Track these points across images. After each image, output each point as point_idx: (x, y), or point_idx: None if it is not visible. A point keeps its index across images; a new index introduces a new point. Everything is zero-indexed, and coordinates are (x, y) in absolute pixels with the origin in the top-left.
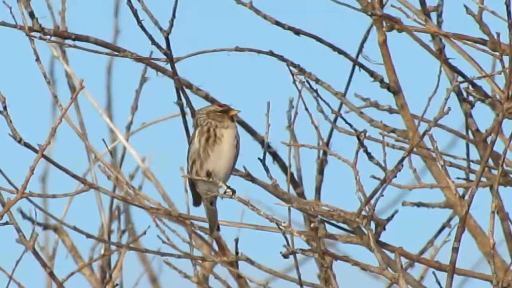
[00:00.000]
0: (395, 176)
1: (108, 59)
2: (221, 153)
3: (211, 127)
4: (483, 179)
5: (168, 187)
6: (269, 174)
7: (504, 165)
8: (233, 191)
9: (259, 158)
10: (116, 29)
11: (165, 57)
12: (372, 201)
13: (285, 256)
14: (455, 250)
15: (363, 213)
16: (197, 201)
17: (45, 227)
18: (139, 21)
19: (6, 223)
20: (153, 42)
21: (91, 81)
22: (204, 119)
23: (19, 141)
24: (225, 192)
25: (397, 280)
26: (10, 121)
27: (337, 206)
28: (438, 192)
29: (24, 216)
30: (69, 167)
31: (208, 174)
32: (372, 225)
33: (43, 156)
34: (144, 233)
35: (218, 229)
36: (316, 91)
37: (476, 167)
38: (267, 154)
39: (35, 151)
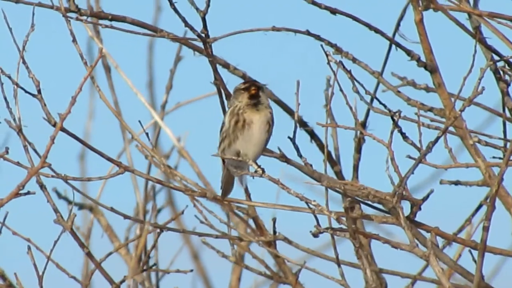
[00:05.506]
0: (427, 153)
1: (149, 37)
2: (250, 138)
3: (239, 110)
4: None
5: (204, 166)
6: (300, 153)
7: None
8: (263, 170)
9: (289, 137)
10: (158, 6)
11: (200, 38)
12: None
13: (315, 235)
14: (486, 229)
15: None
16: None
17: (81, 206)
18: (171, 3)
19: (28, 192)
20: (186, 24)
21: (132, 59)
22: (231, 97)
23: (54, 125)
24: (255, 171)
25: (428, 257)
26: (45, 105)
27: (375, 185)
28: (476, 171)
29: (59, 196)
30: (107, 147)
31: (237, 153)
32: (408, 205)
33: (78, 139)
34: (182, 213)
35: (227, 195)
36: (350, 72)
37: None
38: (305, 133)
39: (70, 134)
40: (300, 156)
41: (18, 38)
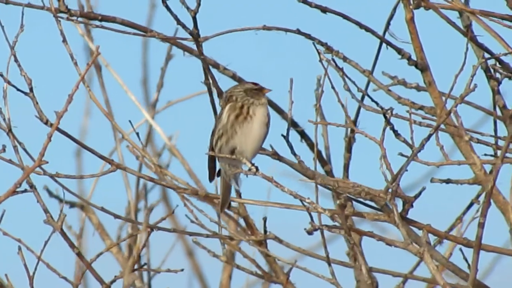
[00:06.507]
0: (420, 151)
1: None
2: (249, 131)
3: (246, 104)
4: (510, 155)
5: (195, 165)
6: (293, 151)
7: None
8: (257, 168)
9: (282, 135)
10: (152, 4)
11: (191, 36)
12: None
13: (309, 233)
14: (481, 225)
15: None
16: (212, 177)
17: (72, 205)
18: (164, 1)
19: (25, 190)
20: (179, 22)
21: (127, 57)
22: (242, 96)
23: (46, 123)
24: (249, 169)
25: (422, 254)
26: (37, 103)
27: (365, 184)
28: (467, 169)
29: (51, 194)
30: (103, 145)
31: (232, 151)
32: (400, 202)
33: (71, 137)
34: (173, 212)
35: (229, 206)
36: (342, 69)
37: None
38: (295, 132)
39: (62, 132)
40: (294, 154)
41: (10, 36)
